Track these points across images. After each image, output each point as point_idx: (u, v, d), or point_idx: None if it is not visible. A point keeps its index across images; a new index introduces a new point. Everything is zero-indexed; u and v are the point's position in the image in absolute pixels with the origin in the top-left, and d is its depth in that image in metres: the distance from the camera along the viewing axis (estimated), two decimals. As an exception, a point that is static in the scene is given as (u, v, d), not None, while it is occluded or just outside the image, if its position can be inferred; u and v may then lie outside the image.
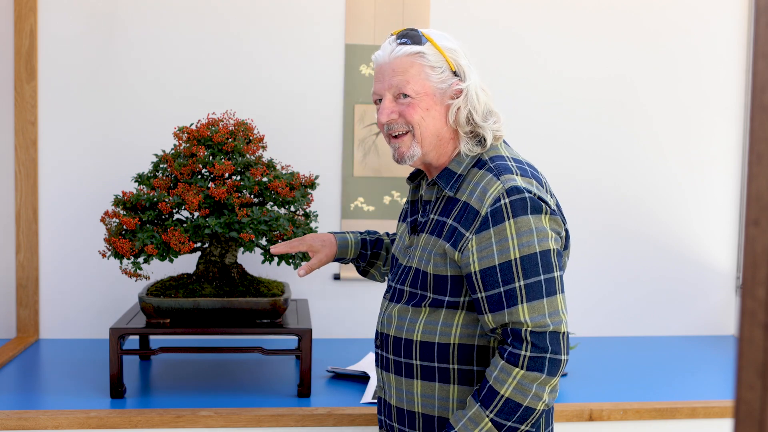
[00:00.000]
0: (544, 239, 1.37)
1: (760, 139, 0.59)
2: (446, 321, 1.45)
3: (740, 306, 0.61)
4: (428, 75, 1.45)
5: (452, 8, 2.76)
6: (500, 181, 1.39)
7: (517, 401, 1.35)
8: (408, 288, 1.51)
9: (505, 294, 1.36)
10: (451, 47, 1.47)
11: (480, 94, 1.47)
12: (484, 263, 1.38)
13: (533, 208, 1.37)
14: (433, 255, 1.45)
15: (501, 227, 1.36)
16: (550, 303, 1.37)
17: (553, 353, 1.35)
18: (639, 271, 2.90)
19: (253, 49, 2.69)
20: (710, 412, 2.07)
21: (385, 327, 1.55)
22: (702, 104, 2.89)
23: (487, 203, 1.38)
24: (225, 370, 2.33)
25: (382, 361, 1.57)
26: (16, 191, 2.61)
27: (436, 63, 1.45)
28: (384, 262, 1.81)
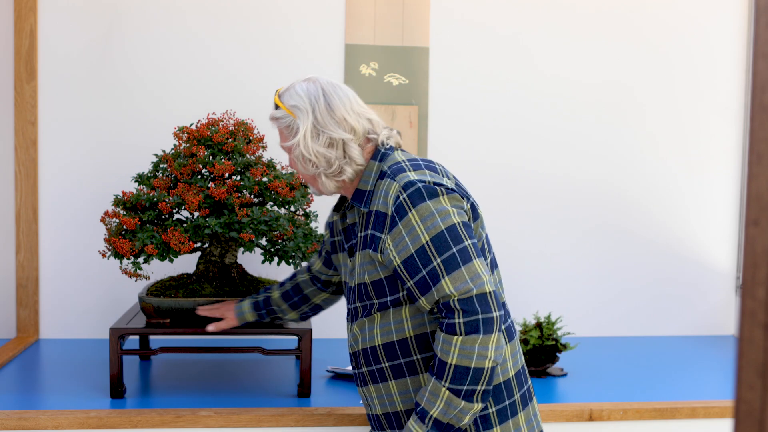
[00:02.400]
0: (446, 216, 1.50)
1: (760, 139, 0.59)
2: (396, 319, 1.58)
3: (740, 306, 0.61)
4: (284, 134, 1.66)
5: (452, 8, 2.76)
6: (396, 181, 1.54)
7: (464, 365, 1.46)
8: (359, 303, 1.65)
9: (428, 275, 1.49)
10: (294, 104, 1.63)
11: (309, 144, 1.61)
12: (402, 255, 1.51)
13: (429, 194, 1.51)
14: (365, 266, 1.60)
15: (406, 219, 1.51)
16: (469, 269, 1.48)
17: (483, 313, 1.46)
18: (639, 272, 2.90)
19: (253, 49, 2.69)
20: (710, 412, 2.07)
21: (353, 346, 1.69)
22: (702, 105, 2.89)
23: (390, 203, 1.53)
24: (225, 370, 2.33)
25: (359, 379, 1.69)
26: (16, 191, 2.61)
27: (287, 123, 1.65)
28: (284, 313, 1.99)
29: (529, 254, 2.81)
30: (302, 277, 1.97)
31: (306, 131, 1.60)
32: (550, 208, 2.84)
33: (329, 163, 1.61)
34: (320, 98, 1.62)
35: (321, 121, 1.61)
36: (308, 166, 1.63)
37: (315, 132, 1.61)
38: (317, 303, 1.97)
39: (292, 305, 1.97)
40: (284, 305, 1.98)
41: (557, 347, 2.31)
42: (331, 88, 1.64)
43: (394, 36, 2.73)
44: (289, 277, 2.01)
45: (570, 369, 2.40)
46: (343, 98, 1.63)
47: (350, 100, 1.64)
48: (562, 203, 2.85)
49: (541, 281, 2.83)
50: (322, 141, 1.60)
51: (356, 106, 1.64)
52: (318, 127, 1.60)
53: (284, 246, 2.05)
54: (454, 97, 2.78)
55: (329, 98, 1.62)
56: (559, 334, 2.36)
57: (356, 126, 1.61)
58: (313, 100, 1.62)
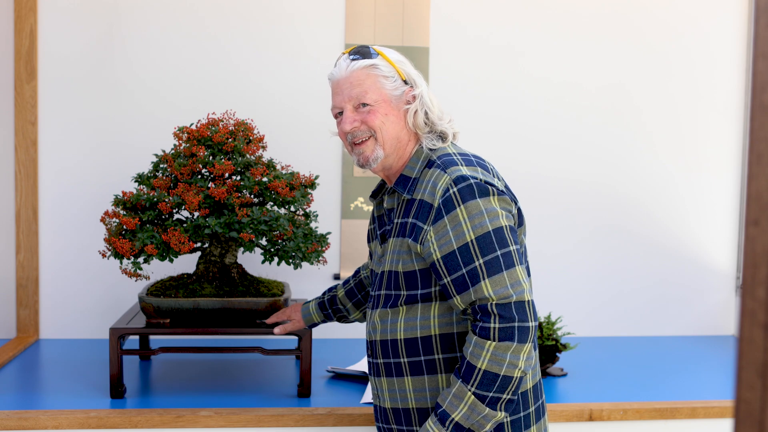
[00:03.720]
0: (495, 218, 1.47)
1: (760, 139, 0.59)
2: (424, 315, 1.54)
3: (740, 306, 0.61)
4: (383, 84, 1.59)
5: (452, 8, 2.76)
6: (447, 174, 1.50)
7: (494, 372, 1.43)
8: (384, 291, 1.60)
9: (467, 274, 1.45)
10: (400, 59, 1.63)
11: (432, 98, 1.62)
12: (444, 250, 1.47)
13: (480, 192, 1.48)
14: (400, 254, 1.55)
15: (453, 214, 1.47)
16: (510, 275, 1.45)
17: (520, 321, 1.43)
18: (639, 272, 2.90)
19: (253, 49, 2.69)
20: (710, 412, 2.07)
21: (371, 334, 1.65)
22: (701, 105, 2.89)
23: (438, 195, 1.49)
24: (225, 370, 2.33)
25: (373, 369, 1.66)
26: (16, 191, 2.61)
27: (389, 73, 1.60)
28: (349, 312, 1.98)
29: (529, 255, 2.81)
30: (364, 273, 1.96)
31: (423, 89, 1.61)
32: (549, 209, 2.84)
33: (441, 118, 1.61)
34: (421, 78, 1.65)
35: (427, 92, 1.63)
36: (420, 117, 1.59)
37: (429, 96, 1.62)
38: None
39: (357, 303, 1.96)
40: (349, 303, 1.97)
41: (557, 347, 2.31)
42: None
43: (394, 36, 2.73)
44: (352, 275, 2.00)
45: (570, 369, 2.40)
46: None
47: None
48: (562, 204, 2.85)
49: (542, 281, 2.82)
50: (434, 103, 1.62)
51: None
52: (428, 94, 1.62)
53: (284, 246, 2.05)
54: (454, 98, 2.77)
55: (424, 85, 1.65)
56: (559, 334, 2.36)
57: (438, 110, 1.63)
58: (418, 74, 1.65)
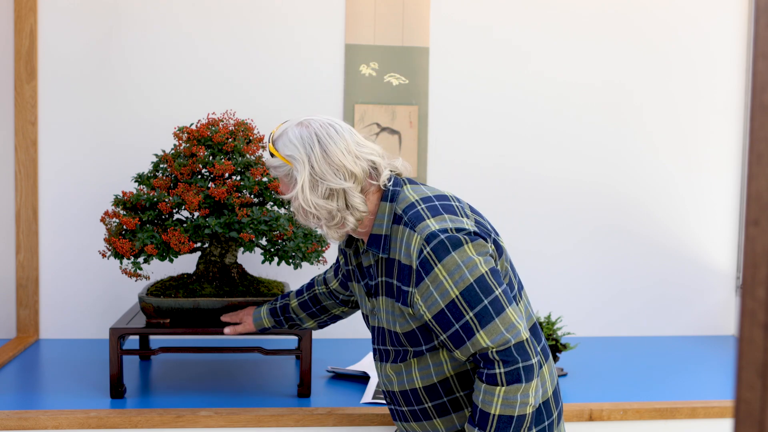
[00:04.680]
0: (474, 268, 1.46)
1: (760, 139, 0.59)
2: (435, 362, 1.56)
3: (740, 306, 0.61)
4: (284, 183, 1.59)
5: (451, 8, 2.76)
6: (417, 233, 1.48)
7: (508, 414, 1.44)
8: (390, 348, 1.62)
9: (461, 329, 1.46)
10: (289, 153, 1.55)
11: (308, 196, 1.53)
12: (432, 310, 1.47)
13: (453, 245, 1.46)
14: (394, 315, 1.57)
15: (433, 274, 1.46)
16: (503, 320, 1.45)
17: (524, 361, 1.44)
18: (639, 272, 2.90)
19: (253, 49, 2.69)
20: (710, 412, 2.07)
21: (388, 385, 1.67)
22: (701, 105, 2.89)
23: (414, 257, 1.48)
24: (225, 370, 2.33)
25: (398, 415, 1.68)
26: (16, 191, 2.61)
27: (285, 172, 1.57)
28: (302, 321, 1.98)
29: (528, 255, 2.81)
30: (320, 289, 1.94)
31: (304, 183, 1.52)
32: (549, 208, 2.84)
33: (331, 215, 1.53)
34: (315, 145, 1.52)
35: (318, 170, 1.51)
36: (310, 218, 1.56)
37: (313, 182, 1.52)
38: (336, 314, 1.97)
39: (311, 314, 1.96)
40: (302, 314, 1.96)
41: (557, 347, 2.31)
42: (325, 131, 1.54)
43: (394, 36, 2.73)
44: (306, 286, 1.98)
45: (570, 369, 2.40)
46: (339, 141, 1.53)
47: (347, 142, 1.54)
48: (562, 204, 2.85)
49: (541, 282, 2.83)
50: (321, 192, 1.52)
51: (354, 147, 1.55)
52: (316, 178, 1.52)
53: (284, 246, 2.05)
54: (454, 97, 2.78)
55: (324, 144, 1.52)
56: (559, 334, 2.36)
57: (356, 170, 1.52)
58: (308, 149, 1.52)
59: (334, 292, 1.91)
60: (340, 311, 1.96)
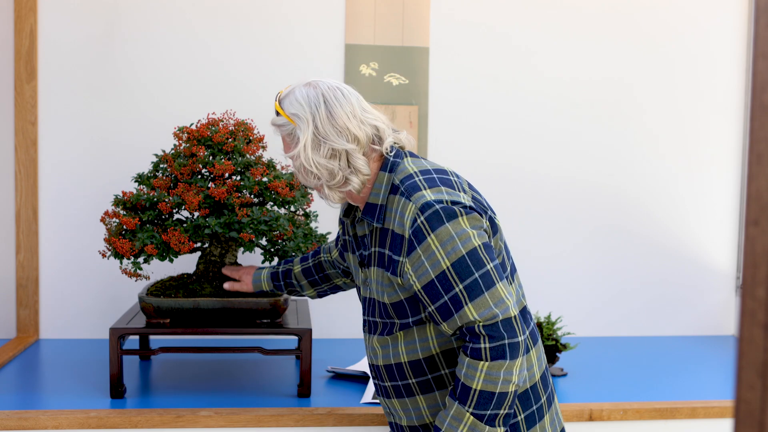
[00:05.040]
0: (467, 240, 1.45)
1: (760, 139, 0.59)
2: (422, 337, 1.56)
3: (740, 306, 0.61)
4: (286, 142, 1.60)
5: (451, 8, 2.76)
6: (412, 202, 1.48)
7: (489, 390, 1.44)
8: (378, 319, 1.61)
9: (449, 301, 1.45)
10: (294, 112, 1.55)
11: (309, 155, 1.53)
12: (423, 280, 1.47)
13: (448, 216, 1.45)
14: (383, 286, 1.56)
15: (425, 244, 1.45)
16: (492, 294, 1.44)
17: (510, 338, 1.44)
18: (639, 272, 2.90)
19: (253, 49, 2.69)
20: (710, 412, 2.07)
21: (373, 359, 1.66)
22: (702, 104, 2.89)
23: (407, 226, 1.47)
24: (225, 370, 2.33)
25: (382, 391, 1.67)
26: (16, 191, 2.61)
27: (288, 131, 1.58)
28: (302, 288, 1.99)
29: (528, 255, 2.81)
30: (325, 257, 1.94)
31: (306, 142, 1.52)
32: (550, 208, 2.84)
33: (332, 175, 1.53)
34: (321, 106, 1.53)
35: (322, 130, 1.52)
36: (310, 178, 1.56)
37: (316, 142, 1.52)
38: (338, 284, 1.97)
39: (312, 282, 1.96)
40: (304, 281, 1.96)
41: (557, 347, 2.31)
42: (332, 93, 1.54)
43: (394, 36, 2.73)
44: (312, 254, 1.98)
45: (570, 369, 2.40)
46: (345, 105, 1.54)
47: (353, 106, 1.55)
48: (562, 203, 2.85)
49: (542, 281, 2.83)
50: (324, 152, 1.52)
51: (359, 111, 1.55)
52: (319, 137, 1.52)
53: (284, 246, 2.05)
54: (454, 97, 2.78)
55: (330, 105, 1.53)
56: (559, 334, 2.36)
57: (359, 134, 1.53)
58: (314, 108, 1.53)
59: (335, 262, 1.91)
60: (341, 281, 1.95)
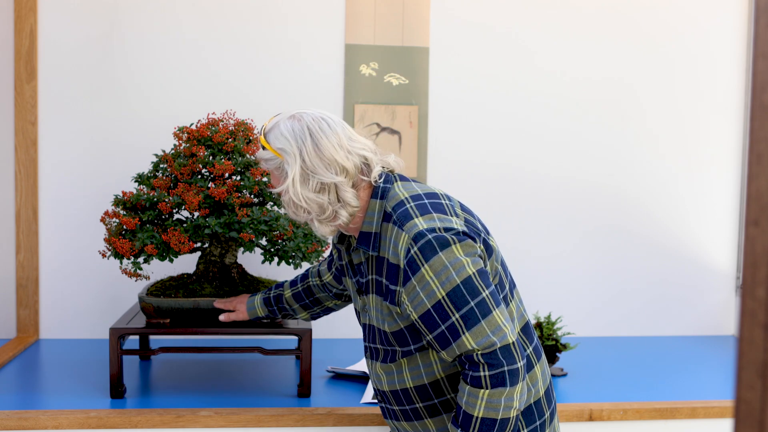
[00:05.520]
0: (461, 269, 1.44)
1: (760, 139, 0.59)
2: (425, 362, 1.56)
3: (740, 306, 0.61)
4: (275, 176, 1.58)
5: (451, 8, 2.76)
6: (405, 232, 1.47)
7: (491, 417, 1.44)
8: (379, 346, 1.61)
9: (447, 330, 1.45)
10: (281, 146, 1.54)
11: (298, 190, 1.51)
12: (419, 310, 1.47)
13: (440, 245, 1.45)
14: (383, 314, 1.56)
15: (420, 274, 1.45)
16: (489, 322, 1.44)
17: (509, 365, 1.43)
18: (639, 272, 2.90)
19: (253, 49, 2.69)
20: (710, 412, 2.07)
21: (378, 384, 1.66)
22: (702, 104, 2.89)
23: (402, 256, 1.47)
24: (225, 370, 2.33)
25: (389, 414, 1.68)
26: (16, 191, 2.61)
27: (276, 165, 1.56)
28: (295, 312, 1.98)
29: (528, 254, 2.81)
30: (314, 281, 1.94)
31: (295, 176, 1.51)
32: (550, 208, 2.84)
33: (322, 209, 1.52)
34: (307, 139, 1.51)
35: (310, 164, 1.51)
36: (300, 212, 1.54)
37: (304, 176, 1.51)
38: (329, 306, 1.97)
39: (304, 306, 1.96)
40: (296, 305, 1.97)
41: (557, 347, 2.31)
42: (317, 125, 1.53)
43: (394, 36, 2.73)
44: (301, 277, 1.99)
45: (570, 369, 2.40)
46: (331, 136, 1.52)
47: (339, 136, 1.53)
48: (562, 203, 2.85)
49: (541, 281, 2.83)
50: (313, 186, 1.51)
51: (346, 141, 1.54)
52: (307, 171, 1.51)
53: (284, 246, 2.05)
54: (454, 97, 2.78)
55: (316, 138, 1.51)
56: (559, 334, 2.36)
57: (347, 165, 1.52)
58: (300, 142, 1.51)
59: (327, 285, 1.91)
60: (332, 304, 1.96)
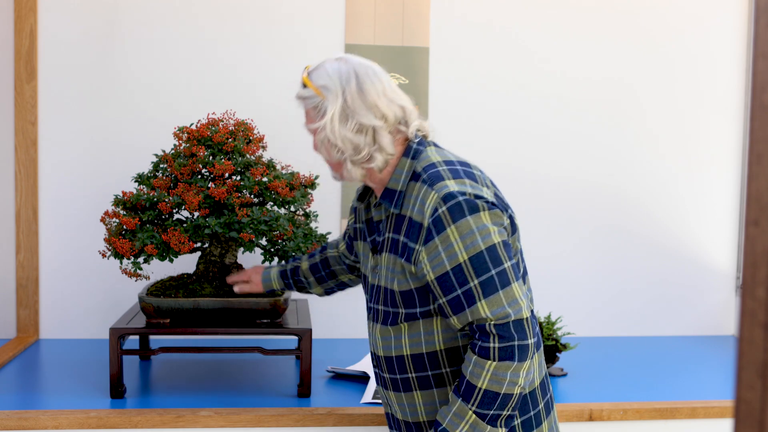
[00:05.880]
0: (487, 236, 1.42)
1: (760, 139, 0.59)
2: (427, 330, 1.52)
3: (740, 306, 0.61)
4: (311, 115, 1.56)
5: (452, 8, 2.76)
6: (434, 191, 1.45)
7: (494, 391, 1.42)
8: (381, 307, 1.58)
9: (463, 295, 1.43)
10: (323, 84, 1.52)
11: (336, 128, 1.50)
12: (437, 271, 1.44)
13: (470, 209, 1.43)
14: (395, 273, 1.52)
15: (444, 234, 1.42)
16: (507, 294, 1.42)
17: (519, 340, 1.41)
18: (639, 272, 2.90)
19: (253, 49, 2.69)
20: (710, 412, 2.07)
21: (375, 348, 1.63)
22: (702, 104, 2.89)
23: (427, 214, 1.44)
24: (225, 370, 2.33)
25: (380, 380, 1.65)
26: (16, 191, 2.61)
27: (314, 103, 1.54)
28: (310, 285, 1.97)
29: (528, 254, 2.80)
30: (331, 253, 1.93)
31: (334, 114, 1.49)
32: (550, 208, 2.84)
33: (357, 150, 1.50)
34: (352, 80, 1.50)
35: (351, 104, 1.49)
36: (333, 152, 1.52)
37: (344, 116, 1.49)
38: (344, 281, 1.95)
39: (319, 279, 1.94)
40: (311, 277, 1.95)
41: (557, 347, 2.31)
42: (363, 69, 1.52)
43: (394, 36, 2.73)
44: (319, 249, 1.97)
45: (570, 369, 2.40)
46: (375, 82, 1.51)
47: (383, 84, 1.53)
48: (563, 203, 2.85)
49: (542, 281, 2.82)
50: (351, 126, 1.49)
51: (389, 91, 1.53)
52: (347, 111, 1.49)
53: (284, 246, 2.05)
54: (455, 97, 2.78)
55: (361, 81, 1.50)
56: (559, 334, 2.36)
57: (388, 113, 1.51)
58: (344, 82, 1.50)
59: (342, 256, 1.89)
60: (347, 278, 1.93)
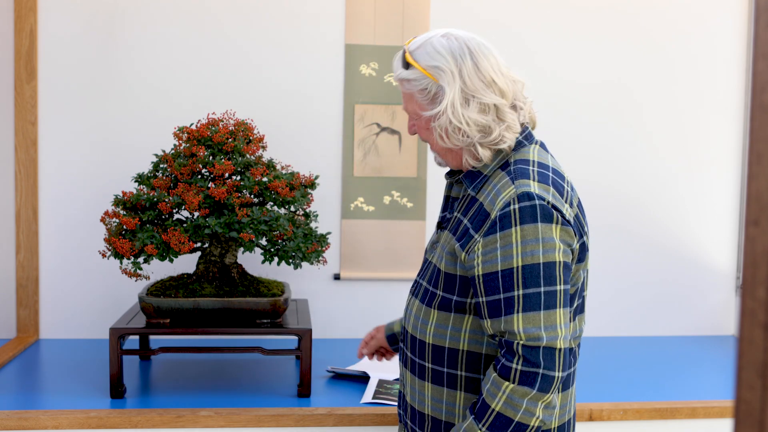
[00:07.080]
0: (550, 250, 1.32)
1: (760, 139, 0.59)
2: (455, 326, 1.44)
3: (740, 306, 0.61)
4: (418, 99, 1.45)
5: (452, 8, 2.76)
6: (514, 186, 1.35)
7: (508, 416, 1.33)
8: (425, 283, 1.50)
9: (503, 301, 1.33)
10: (435, 65, 1.41)
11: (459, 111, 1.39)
12: (487, 267, 1.35)
13: (543, 216, 1.33)
14: (446, 253, 1.44)
15: (507, 233, 1.33)
16: (548, 316, 1.32)
17: (546, 369, 1.32)
18: (639, 272, 2.90)
19: (253, 49, 2.69)
20: (710, 412, 2.07)
21: (407, 323, 1.55)
22: (702, 104, 2.89)
23: (498, 207, 1.35)
24: (225, 370, 2.33)
25: (402, 356, 1.59)
26: (16, 191, 2.61)
27: (423, 86, 1.43)
28: None
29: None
30: None
31: (454, 97, 1.38)
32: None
33: (485, 131, 1.39)
34: (467, 57, 1.39)
35: (470, 84, 1.38)
36: (456, 136, 1.41)
37: (465, 97, 1.39)
38: None
39: None
40: None
41: (557, 347, 2.31)
42: (475, 44, 1.41)
43: (394, 36, 2.73)
44: None
45: (570, 369, 2.40)
46: (489, 57, 1.41)
47: (497, 59, 1.43)
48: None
49: (541, 281, 2.82)
50: (474, 107, 1.39)
51: (503, 65, 1.44)
52: (467, 93, 1.39)
53: (284, 246, 2.05)
54: (454, 97, 2.77)
55: (476, 57, 1.40)
56: (559, 334, 2.36)
57: (505, 89, 1.41)
58: (460, 60, 1.39)
59: None
60: None
